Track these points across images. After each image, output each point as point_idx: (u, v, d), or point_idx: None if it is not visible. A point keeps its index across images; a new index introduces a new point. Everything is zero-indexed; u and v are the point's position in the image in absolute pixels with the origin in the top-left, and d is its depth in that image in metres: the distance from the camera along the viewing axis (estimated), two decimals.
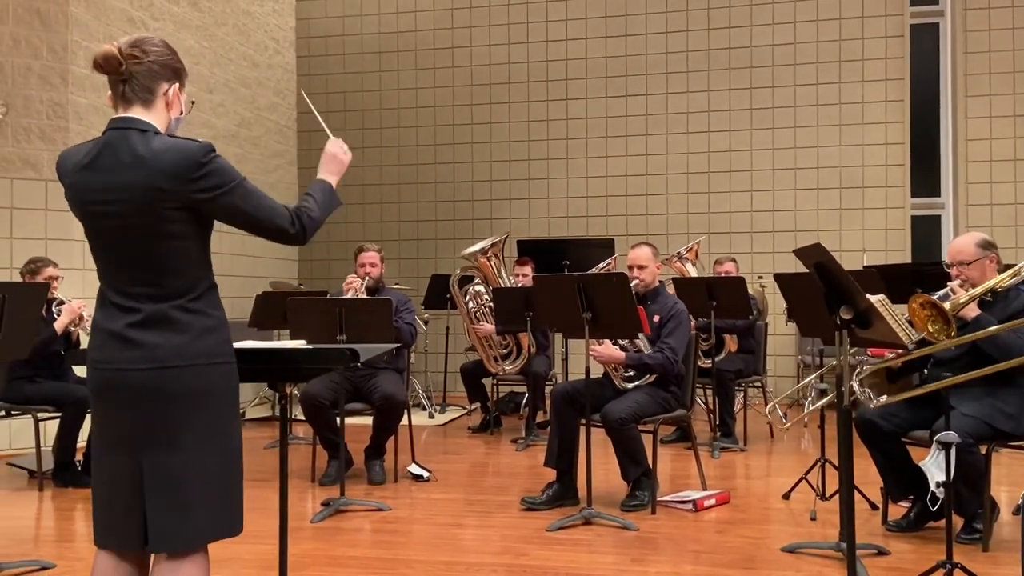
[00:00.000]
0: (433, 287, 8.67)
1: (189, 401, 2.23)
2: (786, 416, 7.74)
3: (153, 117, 2.28)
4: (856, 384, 3.81)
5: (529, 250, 7.89)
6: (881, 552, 3.92)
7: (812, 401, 6.85)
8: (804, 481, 4.89)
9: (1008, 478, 5.47)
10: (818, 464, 4.78)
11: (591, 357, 4.84)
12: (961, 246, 4.16)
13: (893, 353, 3.98)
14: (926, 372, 4.17)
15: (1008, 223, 8.92)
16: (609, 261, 7.14)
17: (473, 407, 8.11)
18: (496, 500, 5.13)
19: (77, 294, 5.79)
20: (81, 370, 2.97)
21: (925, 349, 3.76)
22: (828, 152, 9.36)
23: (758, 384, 7.24)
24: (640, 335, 4.81)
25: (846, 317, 3.24)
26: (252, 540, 2.92)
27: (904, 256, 9.00)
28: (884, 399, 3.95)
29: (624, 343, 4.93)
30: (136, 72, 2.26)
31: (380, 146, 10.43)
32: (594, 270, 6.64)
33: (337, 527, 4.56)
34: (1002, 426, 3.93)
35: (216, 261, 2.35)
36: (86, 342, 2.37)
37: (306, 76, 10.50)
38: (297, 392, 6.04)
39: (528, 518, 4.64)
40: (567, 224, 9.87)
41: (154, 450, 2.22)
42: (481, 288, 7.33)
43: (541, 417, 7.03)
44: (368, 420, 5.66)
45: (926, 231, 9.44)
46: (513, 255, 7.97)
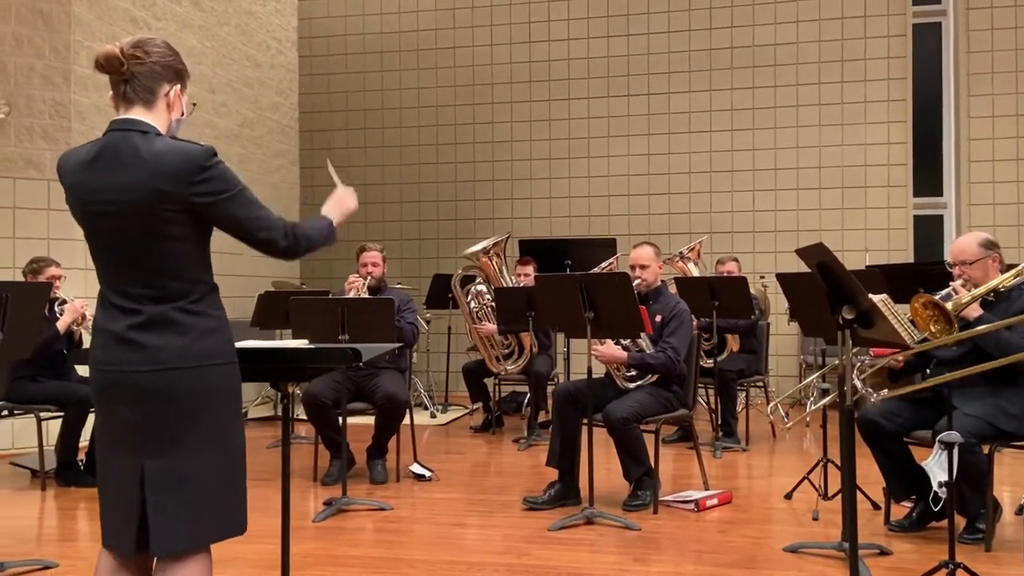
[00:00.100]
0: (435, 287, 8.68)
1: (192, 402, 2.23)
2: (788, 416, 7.73)
3: (154, 118, 2.28)
4: (857, 380, 3.80)
5: (531, 250, 7.89)
6: (883, 552, 3.91)
7: (814, 401, 6.83)
8: (806, 481, 4.90)
9: (1011, 478, 5.46)
10: (820, 464, 4.78)
11: (593, 357, 4.84)
12: (963, 246, 4.16)
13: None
14: (928, 373, 4.17)
15: (1011, 223, 8.90)
16: (611, 261, 7.14)
17: (475, 407, 8.11)
18: (498, 500, 5.13)
19: (79, 293, 5.79)
20: (84, 369, 2.97)
21: (924, 345, 3.76)
22: (830, 151, 9.35)
23: (760, 384, 7.23)
24: (642, 335, 4.81)
25: (848, 317, 3.24)
26: (254, 539, 2.92)
27: (906, 256, 8.98)
28: (885, 392, 3.95)
29: (626, 343, 4.93)
30: (138, 72, 2.26)
31: (382, 146, 10.44)
32: (596, 270, 6.64)
33: (339, 526, 4.56)
34: (1005, 426, 3.92)
35: (218, 261, 2.35)
36: (88, 341, 2.38)
37: (308, 76, 10.51)
38: (299, 392, 6.04)
39: (530, 518, 4.64)
40: (569, 224, 9.86)
41: (157, 451, 2.22)
42: (483, 288, 7.32)
43: (543, 417, 7.03)
44: (370, 420, 5.67)
45: (928, 231, 9.43)
46: (515, 255, 7.96)
